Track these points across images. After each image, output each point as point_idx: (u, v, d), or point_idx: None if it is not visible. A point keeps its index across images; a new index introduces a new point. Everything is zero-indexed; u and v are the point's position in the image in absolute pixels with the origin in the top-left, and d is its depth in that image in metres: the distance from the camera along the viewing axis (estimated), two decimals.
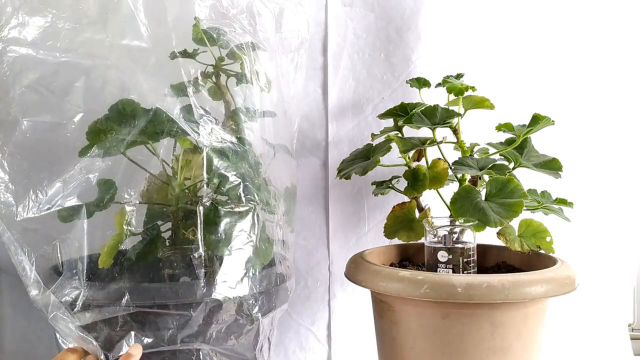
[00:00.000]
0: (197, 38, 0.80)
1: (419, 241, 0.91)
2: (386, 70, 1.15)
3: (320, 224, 1.18)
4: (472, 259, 0.82)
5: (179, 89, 0.76)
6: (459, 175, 0.88)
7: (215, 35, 0.80)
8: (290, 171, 0.93)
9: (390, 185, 0.95)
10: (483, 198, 0.82)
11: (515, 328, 0.75)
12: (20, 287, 0.72)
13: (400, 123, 0.91)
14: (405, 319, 0.79)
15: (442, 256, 0.81)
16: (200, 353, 0.73)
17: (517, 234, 0.86)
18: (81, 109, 0.75)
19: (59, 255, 0.72)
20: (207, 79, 0.82)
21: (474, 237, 0.83)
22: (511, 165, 0.88)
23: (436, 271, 0.82)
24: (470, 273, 0.82)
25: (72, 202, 0.72)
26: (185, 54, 0.78)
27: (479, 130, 0.93)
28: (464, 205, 0.81)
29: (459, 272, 0.81)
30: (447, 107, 0.90)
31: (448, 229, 0.83)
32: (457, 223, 0.83)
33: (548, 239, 0.85)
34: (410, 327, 0.78)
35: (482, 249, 0.92)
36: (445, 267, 0.81)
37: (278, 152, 0.88)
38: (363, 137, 1.16)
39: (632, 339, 1.21)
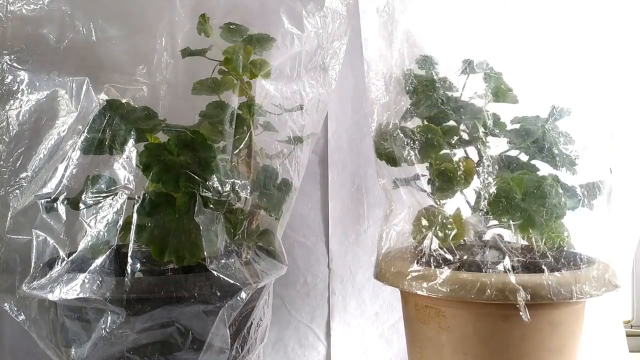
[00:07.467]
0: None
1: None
2: None
3: (319, 221, 1.16)
4: (518, 258, 0.81)
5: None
6: None
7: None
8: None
9: (414, 185, 0.91)
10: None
11: (571, 326, 0.76)
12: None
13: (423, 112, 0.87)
14: (459, 324, 0.77)
15: (491, 256, 0.80)
16: None
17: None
18: None
19: None
20: None
21: (517, 238, 0.82)
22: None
23: (481, 272, 0.81)
24: (518, 273, 0.81)
25: None
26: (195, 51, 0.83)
27: None
28: (509, 206, 0.80)
29: (507, 272, 0.80)
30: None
31: (493, 229, 0.82)
32: (496, 223, 0.81)
33: (566, 233, 0.82)
34: (465, 332, 0.77)
35: None
36: (492, 268, 0.80)
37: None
38: (362, 134, 1.15)
39: (632, 335, 1.23)
